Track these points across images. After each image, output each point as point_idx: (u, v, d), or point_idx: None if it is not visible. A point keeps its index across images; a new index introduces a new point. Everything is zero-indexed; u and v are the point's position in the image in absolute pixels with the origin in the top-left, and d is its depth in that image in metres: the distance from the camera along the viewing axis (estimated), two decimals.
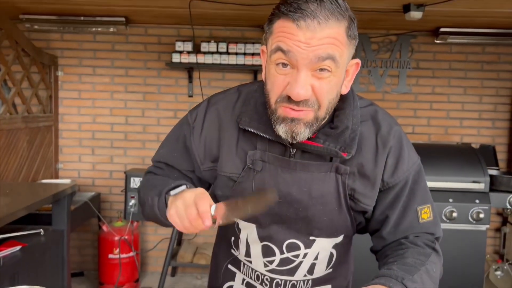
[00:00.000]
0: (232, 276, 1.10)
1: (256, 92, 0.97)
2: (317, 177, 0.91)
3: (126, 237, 3.09)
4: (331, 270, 1.04)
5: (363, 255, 1.86)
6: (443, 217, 2.57)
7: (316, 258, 1.00)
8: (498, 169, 2.92)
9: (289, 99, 0.82)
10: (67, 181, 3.05)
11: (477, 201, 2.57)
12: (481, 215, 2.55)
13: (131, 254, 3.13)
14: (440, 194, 2.58)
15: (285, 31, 0.79)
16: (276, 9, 0.82)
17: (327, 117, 0.89)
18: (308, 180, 0.91)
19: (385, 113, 0.97)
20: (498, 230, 3.51)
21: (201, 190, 0.84)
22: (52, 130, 3.39)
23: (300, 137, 0.86)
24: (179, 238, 3.46)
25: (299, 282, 1.02)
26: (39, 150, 3.20)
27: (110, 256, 3.09)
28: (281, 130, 0.86)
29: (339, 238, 1.00)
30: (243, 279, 1.08)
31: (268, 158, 0.93)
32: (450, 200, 2.58)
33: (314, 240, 0.97)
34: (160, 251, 3.50)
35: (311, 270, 1.01)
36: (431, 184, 2.53)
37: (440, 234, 0.98)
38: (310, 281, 1.03)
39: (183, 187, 0.89)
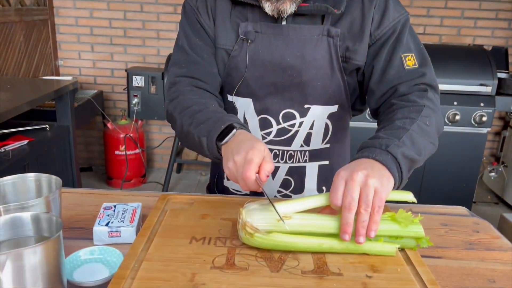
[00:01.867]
0: None
1: None
2: (310, 41, 0.95)
3: (131, 134, 3.14)
4: (328, 145, 1.06)
5: None
6: (446, 120, 2.58)
7: (311, 128, 1.02)
8: (507, 72, 2.85)
9: None
10: (68, 77, 3.02)
11: (481, 104, 2.56)
12: (484, 118, 2.55)
13: (137, 151, 3.22)
14: (444, 97, 2.54)
15: None
16: None
17: None
18: (301, 44, 0.95)
19: None
20: (498, 134, 3.55)
21: (258, 148, 0.75)
22: (48, 24, 3.25)
23: (287, 13, 0.91)
24: None
25: (296, 152, 1.04)
26: (37, 46, 3.11)
27: (117, 152, 3.18)
28: (267, 7, 0.92)
29: (334, 108, 1.02)
30: None
31: (260, 27, 0.96)
32: (455, 103, 2.57)
33: (309, 108, 1.00)
34: (165, 149, 3.59)
35: (307, 141, 1.03)
36: None
37: (433, 81, 0.95)
38: (307, 152, 1.05)
39: (234, 131, 0.81)
